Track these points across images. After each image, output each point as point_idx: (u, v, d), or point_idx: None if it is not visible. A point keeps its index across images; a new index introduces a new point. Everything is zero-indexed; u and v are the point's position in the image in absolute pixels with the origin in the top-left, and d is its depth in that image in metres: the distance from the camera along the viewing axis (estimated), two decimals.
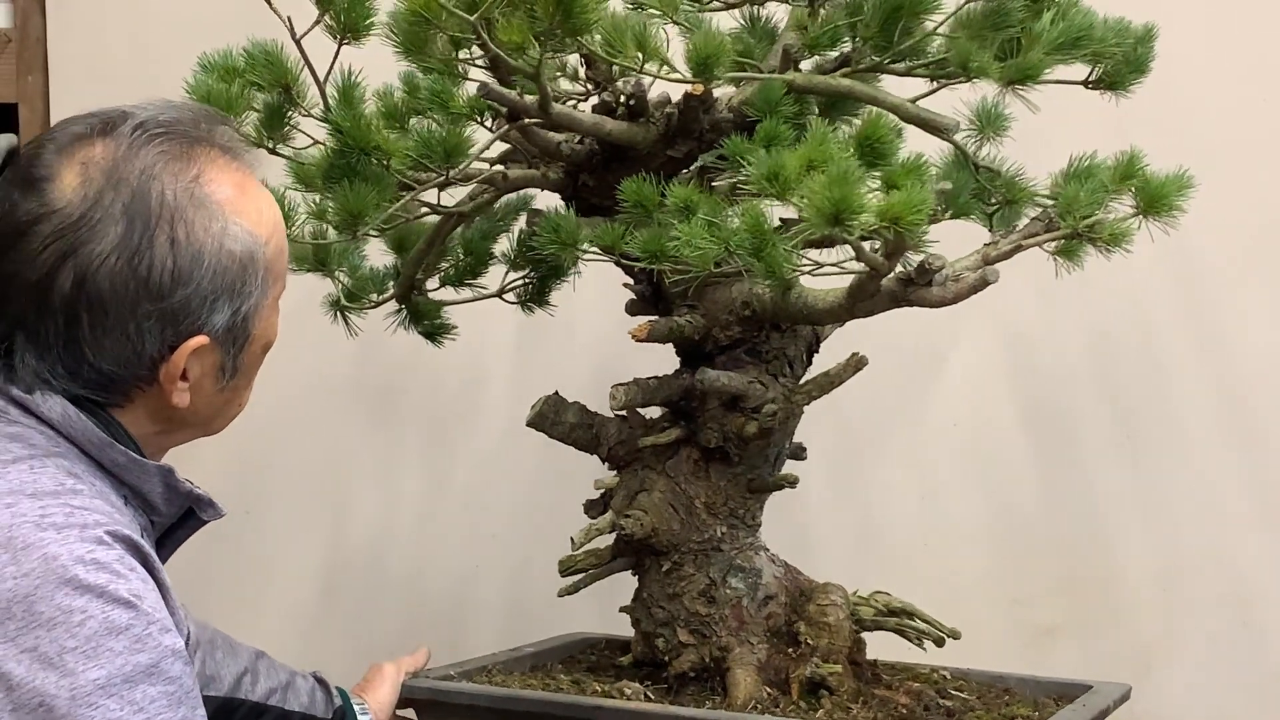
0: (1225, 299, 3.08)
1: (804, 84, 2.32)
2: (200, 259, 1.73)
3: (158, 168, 1.73)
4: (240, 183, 1.80)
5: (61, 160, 1.73)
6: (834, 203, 1.87)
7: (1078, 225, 2.19)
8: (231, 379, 1.84)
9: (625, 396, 2.42)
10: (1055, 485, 3.17)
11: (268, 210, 1.84)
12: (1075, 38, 2.21)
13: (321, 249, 2.63)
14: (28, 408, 1.74)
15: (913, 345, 3.11)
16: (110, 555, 1.62)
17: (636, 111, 2.40)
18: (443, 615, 3.40)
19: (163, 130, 1.75)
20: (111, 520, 1.67)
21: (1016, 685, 2.63)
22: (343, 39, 2.14)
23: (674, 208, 2.14)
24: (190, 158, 1.76)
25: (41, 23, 3.26)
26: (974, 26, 2.22)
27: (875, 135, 2.08)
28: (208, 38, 2.25)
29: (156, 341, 1.74)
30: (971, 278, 2.12)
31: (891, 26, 2.22)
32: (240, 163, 1.82)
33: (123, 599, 1.59)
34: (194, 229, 1.73)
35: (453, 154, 2.23)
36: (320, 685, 2.46)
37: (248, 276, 1.78)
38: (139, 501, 1.79)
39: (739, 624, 2.48)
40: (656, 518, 2.48)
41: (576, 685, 2.51)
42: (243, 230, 1.77)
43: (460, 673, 2.53)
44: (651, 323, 2.41)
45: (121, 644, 1.57)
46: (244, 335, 1.81)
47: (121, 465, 1.76)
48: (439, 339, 2.80)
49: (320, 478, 3.58)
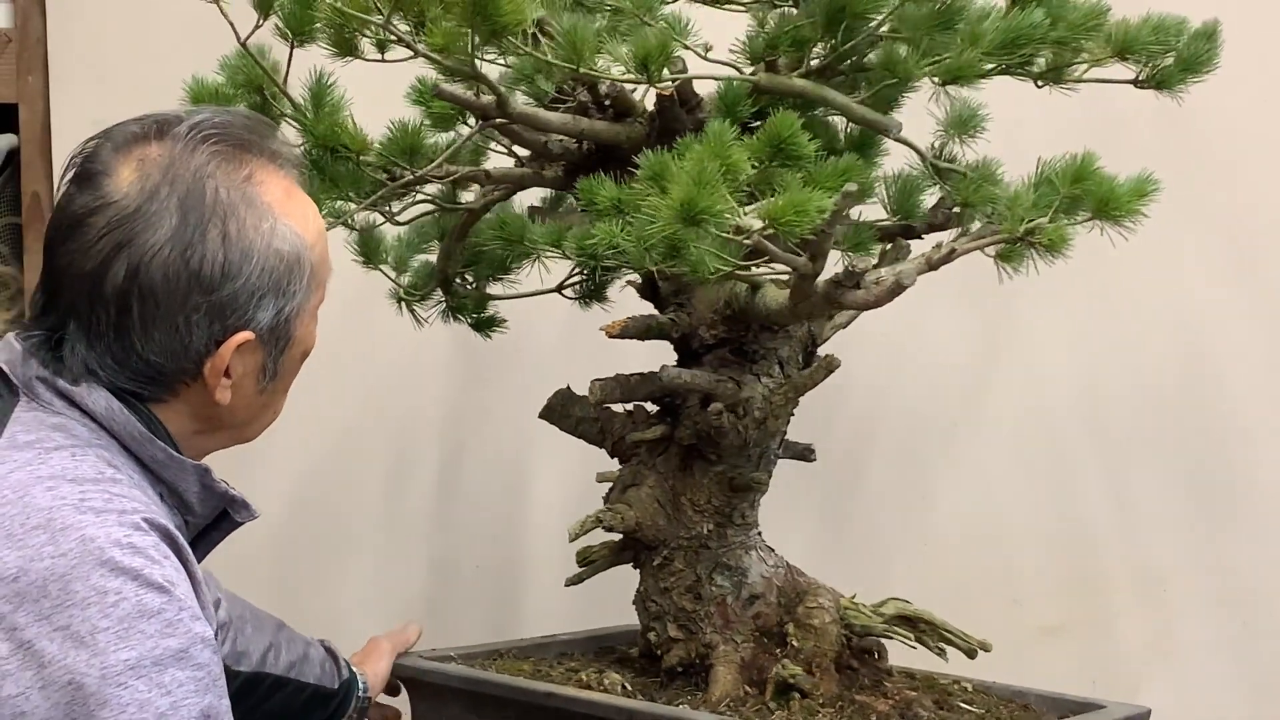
0: (1221, 298, 3.02)
1: (767, 84, 2.32)
2: (250, 255, 1.79)
3: (211, 166, 1.79)
4: (288, 188, 1.86)
5: (118, 157, 1.80)
6: (684, 203, 1.87)
7: (1016, 229, 2.12)
8: (271, 381, 1.89)
9: (601, 392, 2.45)
10: (1055, 485, 3.14)
11: (313, 218, 1.90)
12: (1014, 38, 2.13)
13: (370, 244, 2.73)
14: (72, 399, 1.77)
15: (913, 345, 3.06)
16: (146, 541, 1.66)
17: (622, 111, 2.44)
18: (482, 599, 3.47)
19: (217, 132, 1.82)
20: (148, 509, 1.72)
21: (1036, 701, 2.56)
22: (293, 42, 2.23)
23: (604, 206, 2.16)
24: (242, 160, 1.82)
25: (41, 23, 3.29)
26: (918, 27, 2.17)
27: (781, 135, 2.06)
28: (208, 37, 2.30)
29: (204, 335, 1.79)
30: (889, 281, 2.09)
31: (835, 27, 2.20)
32: (287, 170, 1.88)
33: (156, 583, 1.63)
34: (245, 226, 1.79)
35: (414, 153, 2.30)
36: (330, 656, 2.54)
37: (294, 277, 1.83)
38: (174, 500, 1.83)
39: (724, 622, 2.49)
40: (641, 512, 2.51)
41: (571, 674, 2.56)
42: (291, 231, 1.83)
43: (462, 656, 2.61)
44: (627, 319, 2.44)
45: (153, 627, 1.61)
46: (286, 337, 1.86)
47: (160, 461, 1.80)
48: (487, 332, 2.87)
49: (322, 476, 3.60)
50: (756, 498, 2.53)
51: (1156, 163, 2.28)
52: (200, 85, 2.39)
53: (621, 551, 2.60)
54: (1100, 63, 2.45)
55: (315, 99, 2.34)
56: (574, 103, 2.42)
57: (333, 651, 2.56)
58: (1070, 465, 3.11)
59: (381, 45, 2.18)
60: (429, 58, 2.15)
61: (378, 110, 2.48)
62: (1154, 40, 2.46)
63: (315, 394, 3.48)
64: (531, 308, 2.83)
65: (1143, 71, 2.49)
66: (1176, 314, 3.10)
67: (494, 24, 2.07)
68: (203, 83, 2.39)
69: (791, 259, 2.09)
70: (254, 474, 3.45)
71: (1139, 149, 2.35)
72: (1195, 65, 2.50)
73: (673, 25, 2.34)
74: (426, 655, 2.60)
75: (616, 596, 2.73)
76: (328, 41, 2.22)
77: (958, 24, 2.18)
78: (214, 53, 2.39)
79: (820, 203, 1.99)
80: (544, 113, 2.35)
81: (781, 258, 2.09)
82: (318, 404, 3.47)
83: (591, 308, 2.87)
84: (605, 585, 2.68)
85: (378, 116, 2.46)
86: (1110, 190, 2.14)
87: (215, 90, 2.37)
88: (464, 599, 3.45)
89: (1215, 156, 3.09)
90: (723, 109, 2.29)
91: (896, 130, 2.22)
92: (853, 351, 2.50)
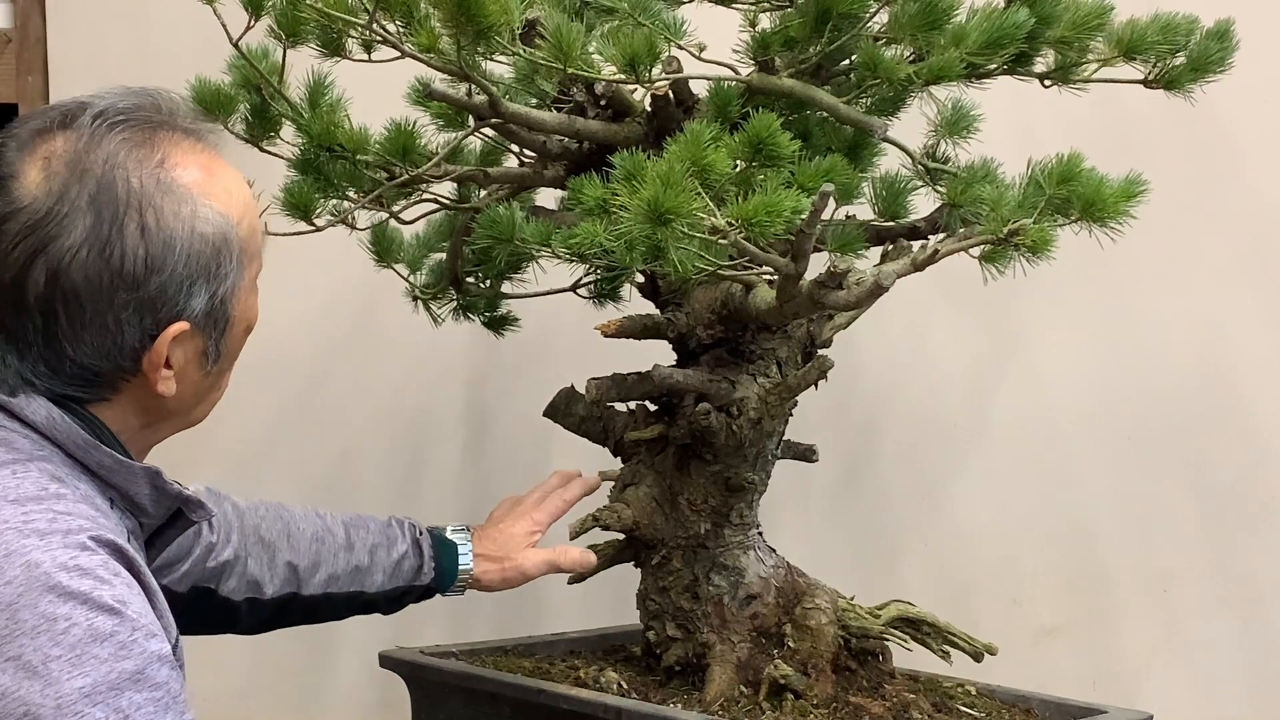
0: (1226, 299, 3.00)
1: (758, 85, 2.32)
2: (172, 244, 1.72)
3: (121, 155, 1.71)
4: (207, 164, 1.78)
5: (23, 157, 1.73)
6: (650, 203, 1.88)
7: (999, 230, 2.11)
8: (215, 363, 1.83)
9: (598, 390, 2.46)
10: (1056, 486, 3.12)
11: (236, 190, 1.81)
12: (998, 38, 2.12)
13: (383, 243, 2.76)
14: (11, 411, 1.73)
15: (917, 346, 3.05)
16: (94, 561, 1.61)
17: (620, 111, 2.45)
18: (498, 596, 3.47)
19: (123, 118, 1.74)
20: (96, 525, 1.66)
21: (1038, 706, 2.55)
22: (285, 43, 2.26)
23: (590, 206, 2.17)
24: (153, 143, 1.74)
25: (41, 23, 3.29)
26: (905, 28, 2.16)
27: (761, 136, 2.06)
28: (207, 38, 2.32)
29: (136, 331, 1.73)
30: (869, 282, 2.08)
31: (823, 27, 2.20)
32: (205, 144, 1.80)
33: (107, 605, 1.58)
34: (163, 215, 1.71)
35: (408, 152, 2.32)
36: (416, 548, 2.44)
37: (222, 259, 1.76)
38: (126, 504, 1.78)
39: (721, 621, 2.49)
40: (639, 511, 2.51)
41: (571, 672, 2.57)
42: (213, 212, 1.75)
43: (465, 652, 2.63)
44: (623, 319, 2.45)
45: (107, 651, 1.56)
46: (224, 318, 1.79)
47: (107, 468, 1.75)
48: (501, 330, 2.89)
49: (322, 477, 3.61)
50: (754, 498, 2.52)
51: (1170, 165, 2.27)
52: (203, 85, 2.41)
53: (624, 550, 2.61)
54: (1109, 63, 2.44)
55: (312, 99, 2.36)
56: (572, 103, 2.43)
57: (420, 544, 2.45)
58: (1072, 465, 3.09)
59: (368, 45, 2.19)
60: (416, 58, 2.16)
61: (386, 110, 2.51)
62: (1161, 40, 2.44)
63: (330, 391, 3.55)
64: (548, 307, 2.84)
65: (1151, 72, 2.48)
66: (1177, 314, 3.09)
67: (479, 24, 2.08)
68: (205, 83, 2.42)
69: (772, 260, 2.09)
70: (268, 472, 3.51)
71: (1154, 151, 2.33)
72: (1207, 65, 2.48)
73: (667, 25, 2.34)
74: (427, 651, 2.62)
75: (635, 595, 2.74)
76: (317, 42, 2.24)
77: (945, 24, 2.16)
78: (213, 53, 2.40)
79: (795, 203, 1.99)
80: (537, 113, 2.36)
81: (761, 258, 2.09)
82: (331, 401, 3.52)
83: (605, 306, 2.88)
84: (626, 584, 2.69)
85: (382, 117, 2.49)
86: (1097, 191, 2.12)
87: (217, 90, 2.40)
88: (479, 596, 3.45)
89: (1227, 158, 3.07)
90: (714, 109, 2.29)
91: (882, 131, 2.22)
92: (857, 352, 2.51)
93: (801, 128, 2.32)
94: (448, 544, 2.46)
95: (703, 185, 1.98)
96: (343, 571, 2.39)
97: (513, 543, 2.51)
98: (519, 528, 2.53)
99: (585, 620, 3.02)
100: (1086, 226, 2.16)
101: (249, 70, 2.35)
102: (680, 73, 2.33)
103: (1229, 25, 2.49)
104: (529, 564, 2.50)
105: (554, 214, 2.58)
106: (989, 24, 2.15)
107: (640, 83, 2.25)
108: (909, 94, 2.36)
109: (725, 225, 1.97)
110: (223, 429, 3.48)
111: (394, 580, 2.43)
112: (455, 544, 2.46)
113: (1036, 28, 2.24)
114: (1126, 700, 2.69)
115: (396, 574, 2.43)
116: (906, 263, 2.19)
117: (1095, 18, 2.37)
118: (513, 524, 2.53)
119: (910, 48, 2.19)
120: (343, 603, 2.41)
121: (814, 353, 2.52)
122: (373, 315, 3.07)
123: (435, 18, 2.12)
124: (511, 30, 2.13)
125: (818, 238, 2.06)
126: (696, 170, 1.99)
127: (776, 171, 2.10)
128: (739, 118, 2.27)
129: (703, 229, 1.98)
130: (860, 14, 2.18)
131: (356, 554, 2.40)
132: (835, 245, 2.22)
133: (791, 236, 2.04)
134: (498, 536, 2.51)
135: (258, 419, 3.49)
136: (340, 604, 2.41)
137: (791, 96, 2.28)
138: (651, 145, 2.39)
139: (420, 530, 2.47)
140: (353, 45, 2.25)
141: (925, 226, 2.47)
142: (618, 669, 2.57)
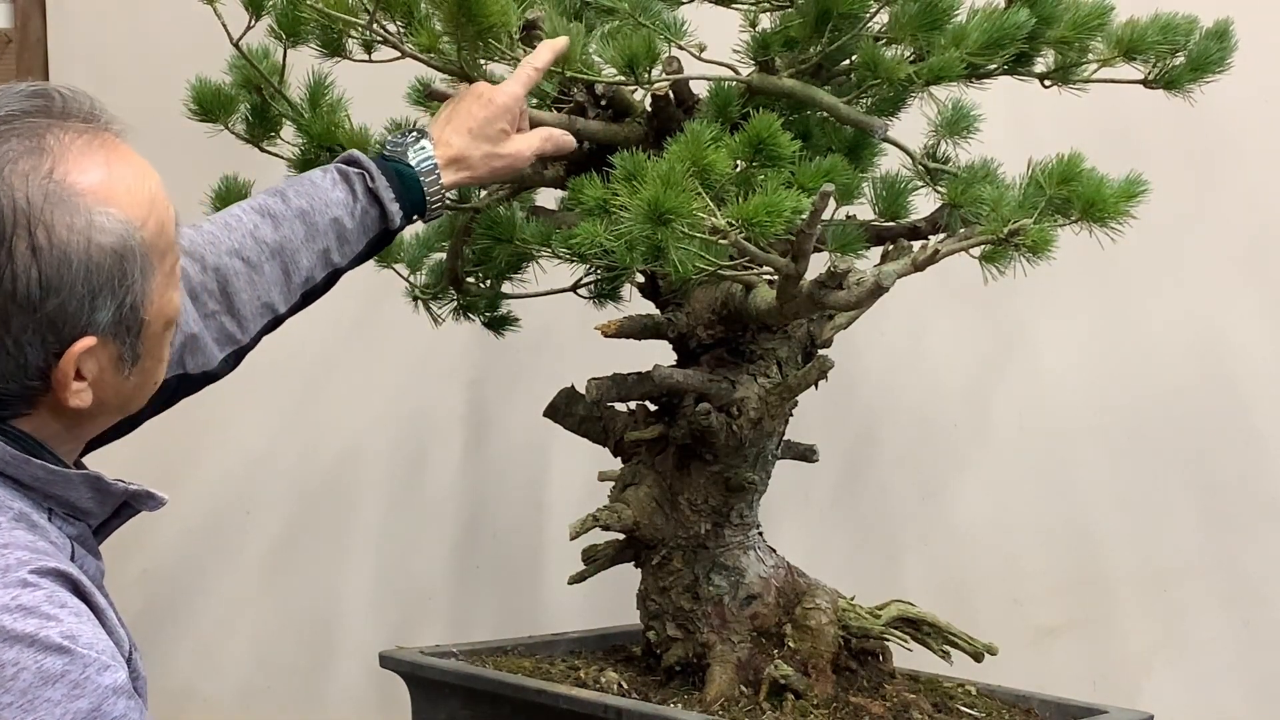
0: (1227, 299, 3.00)
1: (758, 85, 2.32)
2: (69, 261, 1.59)
3: (6, 170, 1.58)
4: (104, 161, 1.63)
5: None
6: (650, 203, 1.88)
7: (999, 230, 2.11)
8: (135, 364, 1.71)
9: (598, 390, 2.46)
10: (1056, 485, 3.13)
11: (139, 187, 1.66)
12: (998, 38, 2.12)
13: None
14: None
15: (919, 346, 3.05)
16: (37, 597, 1.53)
17: (620, 111, 2.45)
18: (501, 596, 3.49)
19: (6, 126, 1.60)
20: (35, 554, 1.58)
21: (1039, 706, 2.55)
22: (286, 43, 2.26)
23: (590, 206, 2.17)
24: (42, 150, 1.60)
25: (41, 23, 3.29)
26: (905, 28, 2.17)
27: (761, 136, 2.06)
28: (207, 38, 2.32)
29: (39, 351, 1.62)
30: (869, 282, 2.08)
31: (823, 27, 2.20)
32: (105, 135, 1.66)
33: (55, 645, 1.51)
34: (55, 230, 1.59)
35: None
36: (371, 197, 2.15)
37: (127, 266, 1.63)
38: (67, 510, 1.70)
39: (721, 621, 2.49)
40: (639, 511, 2.51)
41: (571, 672, 2.58)
42: (112, 220, 1.62)
43: (466, 652, 2.63)
44: (623, 319, 2.45)
45: (59, 693, 1.50)
46: (136, 322, 1.67)
47: (42, 480, 1.66)
48: (501, 330, 2.88)
49: (323, 476, 3.62)
50: (754, 498, 2.53)
51: (1170, 165, 2.27)
52: (203, 85, 2.42)
53: (624, 550, 2.61)
54: (1109, 63, 2.44)
55: (312, 99, 2.36)
56: (572, 103, 2.43)
57: (375, 192, 2.14)
58: (1072, 465, 3.10)
59: (368, 45, 2.19)
60: (416, 58, 2.17)
61: (386, 110, 2.51)
62: (1161, 40, 2.44)
63: (330, 391, 3.56)
64: (548, 307, 2.84)
65: (1151, 72, 2.48)
66: (1178, 314, 3.09)
67: (479, 24, 2.09)
68: (205, 83, 2.42)
69: (772, 259, 2.09)
70: (268, 471, 3.51)
71: (1154, 151, 2.33)
72: (1206, 65, 2.49)
73: (667, 26, 2.34)
74: (426, 651, 2.62)
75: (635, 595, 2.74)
76: (318, 42, 2.24)
77: (945, 24, 2.16)
78: (213, 53, 2.40)
79: (796, 204, 1.99)
80: (537, 113, 2.35)
81: (762, 258, 2.09)
82: (332, 400, 3.51)
83: (605, 306, 2.88)
84: (626, 584, 2.69)
85: (382, 117, 2.49)
86: (1097, 191, 2.12)
87: (217, 90, 2.40)
88: (479, 596, 3.48)
89: (1227, 157, 3.07)
90: (714, 110, 2.29)
91: (882, 131, 2.22)
92: (857, 352, 2.50)
93: (802, 128, 2.33)
94: (406, 176, 2.17)
95: (703, 185, 1.98)
96: (313, 266, 2.16)
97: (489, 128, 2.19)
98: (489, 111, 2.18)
99: (585, 620, 3.03)
100: (1087, 227, 2.16)
101: (249, 70, 2.35)
102: (680, 73, 2.33)
103: (1228, 25, 2.49)
104: (521, 150, 2.21)
105: (554, 214, 2.58)
106: (989, 24, 2.15)
107: (639, 84, 2.25)
108: (909, 94, 2.37)
109: (725, 225, 1.96)
110: (223, 429, 3.51)
111: (362, 238, 2.18)
112: (414, 171, 2.17)
113: (1037, 28, 2.24)
114: (1126, 700, 2.69)
115: (362, 233, 2.18)
116: (906, 263, 2.19)
117: (1095, 18, 2.37)
118: (479, 107, 2.18)
119: (910, 48, 2.20)
120: (321, 286, 2.20)
121: (814, 353, 2.52)
122: (373, 315, 3.06)
123: (436, 18, 2.13)
124: (511, 32, 2.13)
125: (818, 238, 2.07)
126: (697, 170, 1.99)
127: (777, 171, 2.10)
128: (739, 118, 2.27)
129: (703, 229, 1.98)
130: (860, 14, 2.18)
131: (321, 238, 2.14)
132: (835, 245, 2.22)
133: (792, 237, 2.05)
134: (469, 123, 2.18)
135: (258, 419, 3.49)
136: (319, 288, 2.19)
137: (792, 96, 2.28)
138: (652, 145, 2.40)
139: (372, 176, 2.15)
140: (353, 45, 2.25)
141: (925, 226, 2.47)
142: (618, 669, 2.58)
